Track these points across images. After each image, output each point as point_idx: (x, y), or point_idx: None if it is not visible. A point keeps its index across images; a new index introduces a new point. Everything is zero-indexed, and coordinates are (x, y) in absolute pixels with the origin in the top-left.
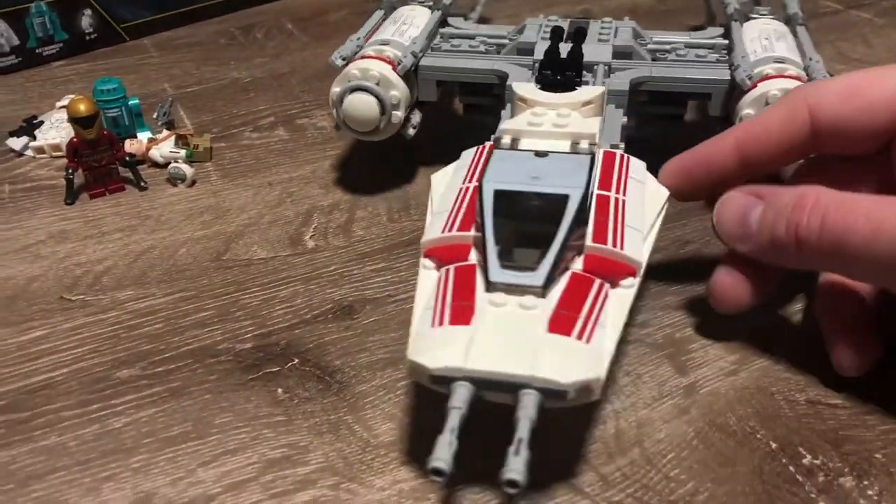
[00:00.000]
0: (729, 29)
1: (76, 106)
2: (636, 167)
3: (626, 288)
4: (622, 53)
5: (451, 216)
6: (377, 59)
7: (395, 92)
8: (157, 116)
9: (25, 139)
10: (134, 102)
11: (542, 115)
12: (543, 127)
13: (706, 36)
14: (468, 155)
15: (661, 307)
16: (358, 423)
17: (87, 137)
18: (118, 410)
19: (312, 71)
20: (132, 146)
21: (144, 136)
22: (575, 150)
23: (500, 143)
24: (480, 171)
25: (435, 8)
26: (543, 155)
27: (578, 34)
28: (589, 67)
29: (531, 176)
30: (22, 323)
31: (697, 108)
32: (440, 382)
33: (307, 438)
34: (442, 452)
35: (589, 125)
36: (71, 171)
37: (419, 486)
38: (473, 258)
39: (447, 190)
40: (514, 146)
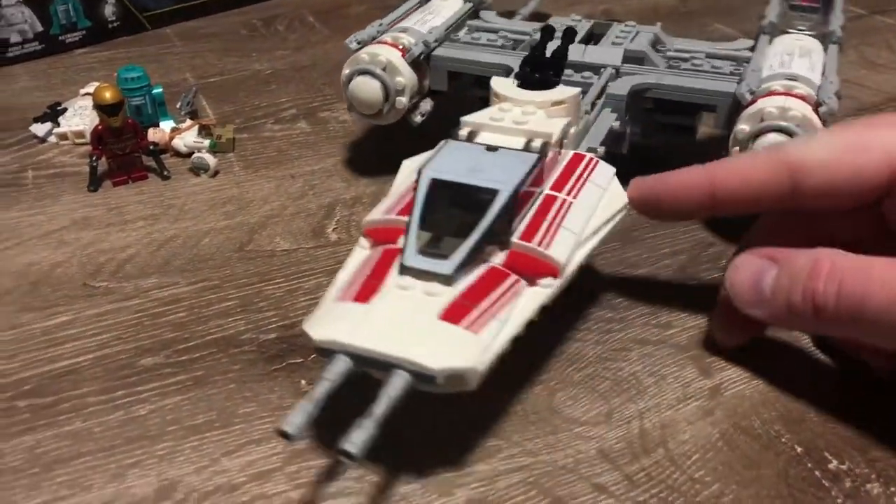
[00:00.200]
0: (757, 41)
1: (102, 93)
2: (601, 172)
3: (542, 287)
4: (634, 58)
5: (397, 200)
6: (389, 45)
7: (400, 78)
8: (180, 106)
9: (49, 125)
10: (157, 91)
11: (506, 111)
12: (503, 122)
13: (732, 47)
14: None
15: (684, 309)
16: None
17: (112, 125)
18: (142, 398)
19: (334, 64)
20: (155, 135)
21: (167, 125)
22: (527, 147)
23: (456, 134)
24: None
25: (468, 0)
26: (494, 150)
27: (567, 34)
28: (596, 69)
29: (470, 168)
30: (46, 308)
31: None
32: (323, 353)
33: (332, 430)
34: (294, 417)
35: (549, 125)
36: (95, 158)
37: (449, 477)
38: (402, 243)
39: (409, 175)
40: (470, 138)
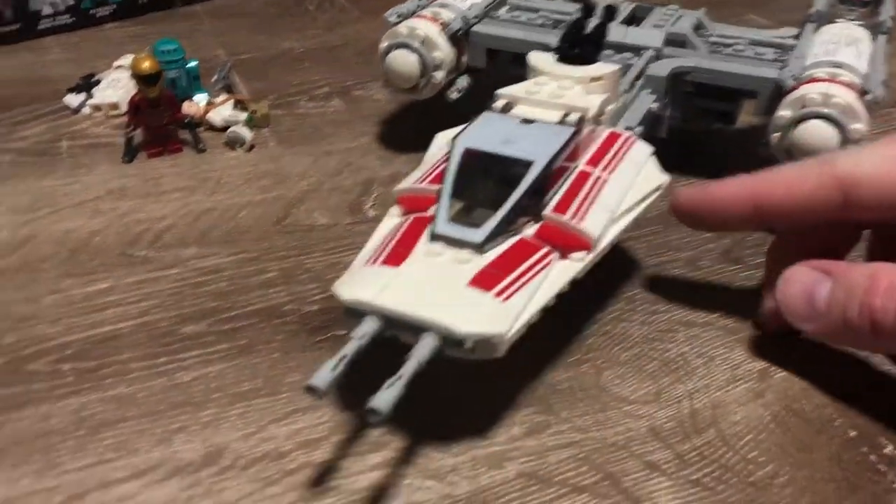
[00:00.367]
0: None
1: (140, 63)
2: (638, 150)
3: (574, 261)
4: (675, 41)
5: (429, 169)
6: (429, 19)
7: (437, 53)
8: (215, 80)
9: (83, 96)
10: (192, 65)
11: (543, 84)
12: (539, 96)
13: (776, 34)
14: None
15: (730, 292)
16: (428, 388)
17: (149, 95)
18: (185, 365)
19: (366, 44)
20: (190, 108)
21: (201, 99)
22: (563, 121)
23: (491, 106)
24: None
25: None
26: (529, 122)
27: (608, 12)
28: (636, 50)
29: (505, 140)
30: (85, 275)
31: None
32: (352, 315)
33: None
34: (322, 373)
35: (587, 100)
36: (131, 128)
37: (498, 451)
38: (433, 212)
39: (442, 147)
40: (505, 111)
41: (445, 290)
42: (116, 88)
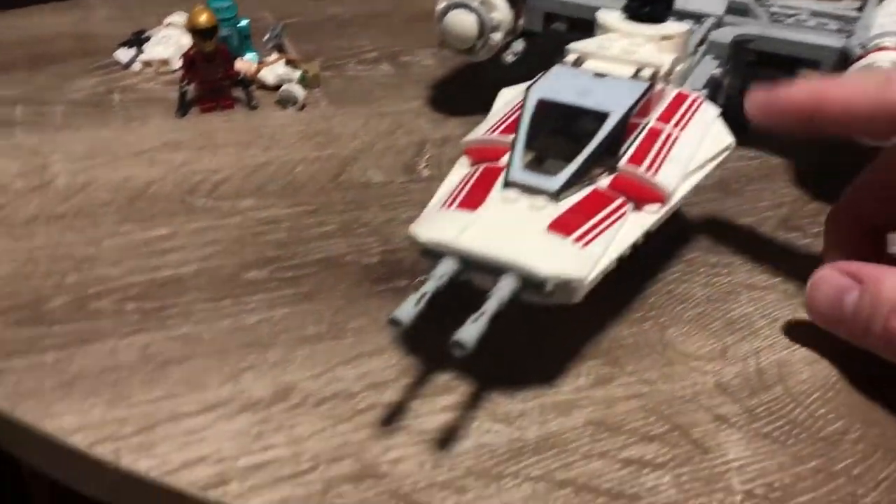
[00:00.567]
0: (865, 2)
1: (197, 16)
2: (706, 111)
3: (648, 213)
4: (737, 10)
5: (498, 121)
6: None
7: (496, 14)
8: (267, 39)
9: (134, 52)
10: (244, 24)
11: (614, 40)
12: (611, 51)
13: (838, 7)
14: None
15: (791, 258)
16: (491, 340)
17: (205, 50)
18: (250, 308)
19: (413, 12)
20: (243, 65)
21: (251, 58)
22: (636, 76)
23: (563, 60)
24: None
25: None
26: (602, 76)
27: None
28: (698, 18)
29: (579, 92)
30: (145, 221)
31: None
32: (429, 255)
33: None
34: (406, 307)
35: (659, 57)
36: (186, 82)
37: (565, 399)
38: (505, 161)
39: (509, 102)
40: (577, 65)
41: (525, 233)
42: (167, 45)
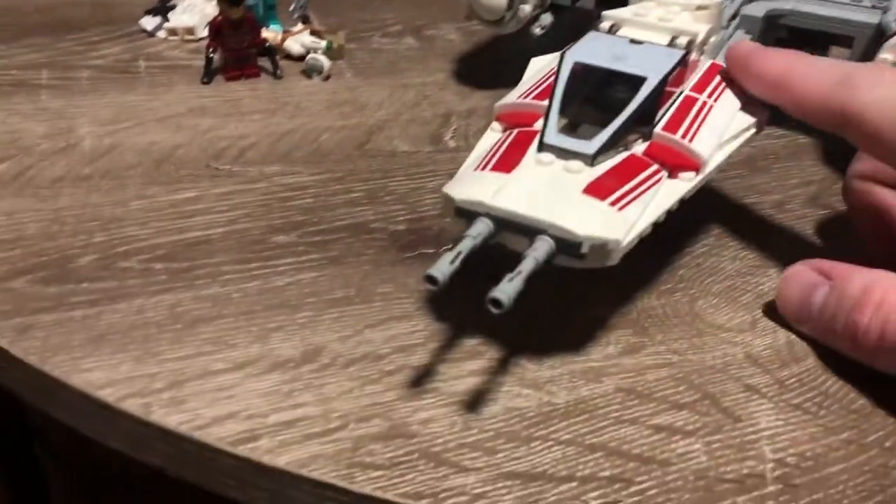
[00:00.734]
0: None
1: None
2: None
3: (683, 181)
4: None
5: (531, 87)
6: None
7: None
8: (292, 9)
9: (159, 20)
10: None
11: (650, 9)
12: (647, 19)
13: None
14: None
15: (822, 234)
16: (519, 308)
17: (232, 17)
18: (279, 271)
19: None
20: (269, 34)
21: (276, 29)
22: (672, 44)
23: (598, 26)
24: None
25: None
26: (638, 43)
27: None
28: None
29: (615, 56)
30: (172, 184)
31: None
32: (463, 215)
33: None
34: (442, 265)
35: (695, 26)
36: (212, 49)
37: (595, 367)
38: (538, 126)
39: (540, 70)
40: (612, 31)
41: (561, 195)
42: (192, 13)
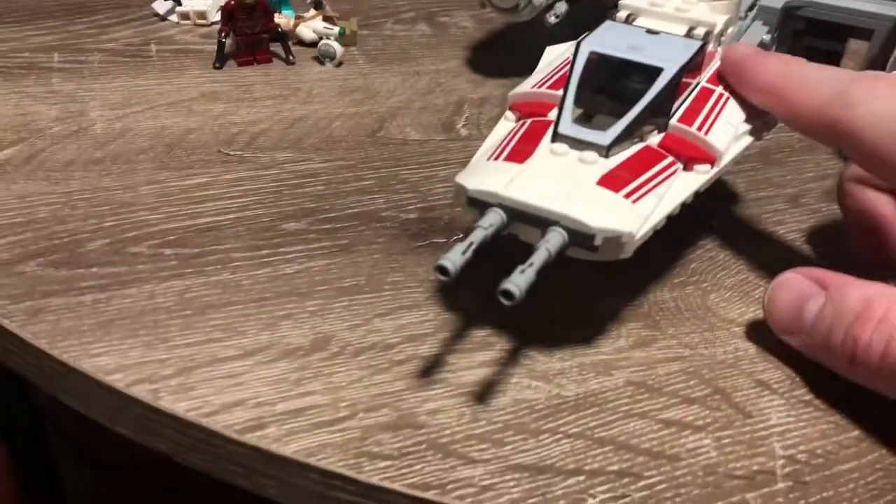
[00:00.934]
0: None
1: None
2: None
3: (698, 173)
4: None
5: (545, 76)
6: None
7: None
8: None
9: (171, 4)
10: None
11: None
12: (664, 9)
13: None
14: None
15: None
16: (530, 300)
17: (245, 1)
18: (289, 258)
19: None
20: (281, 19)
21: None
22: (689, 35)
23: (614, 16)
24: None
25: None
26: (655, 33)
27: None
28: None
29: (632, 46)
30: (183, 169)
31: None
32: (475, 205)
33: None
34: (453, 255)
35: (712, 17)
36: (224, 34)
37: (606, 359)
38: (552, 116)
39: (555, 59)
40: (628, 21)
41: (574, 186)
42: None
